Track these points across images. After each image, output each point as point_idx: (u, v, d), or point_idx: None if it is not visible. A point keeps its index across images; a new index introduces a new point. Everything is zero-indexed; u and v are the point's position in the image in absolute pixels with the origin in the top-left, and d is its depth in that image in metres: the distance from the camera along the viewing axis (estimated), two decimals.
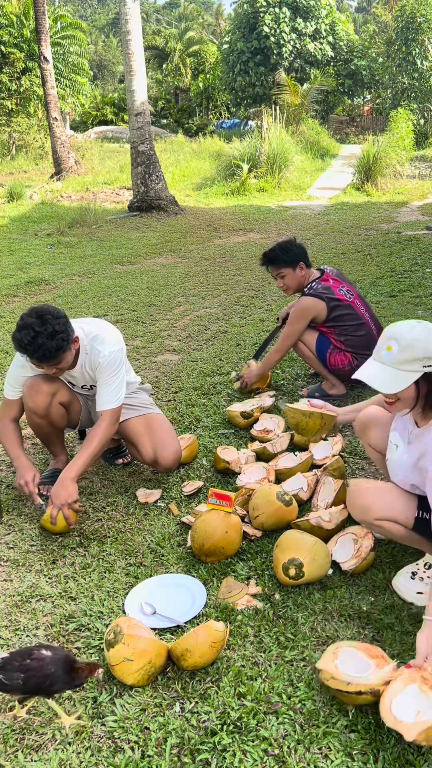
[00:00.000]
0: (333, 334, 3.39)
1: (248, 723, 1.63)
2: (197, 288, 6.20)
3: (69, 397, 2.75)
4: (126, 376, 2.69)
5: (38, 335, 2.33)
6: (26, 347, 2.36)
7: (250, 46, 24.53)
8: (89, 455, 2.51)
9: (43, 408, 2.64)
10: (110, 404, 2.57)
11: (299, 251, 3.43)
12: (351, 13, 37.92)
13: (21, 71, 20.35)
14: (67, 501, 2.41)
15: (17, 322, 2.41)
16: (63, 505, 2.40)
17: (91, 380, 2.68)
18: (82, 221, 9.87)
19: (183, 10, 50.82)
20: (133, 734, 1.62)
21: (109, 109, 33.21)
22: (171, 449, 2.77)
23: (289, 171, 13.94)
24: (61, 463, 2.87)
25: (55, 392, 2.66)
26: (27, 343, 2.35)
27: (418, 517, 1.97)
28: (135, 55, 10.03)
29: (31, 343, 2.34)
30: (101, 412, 2.59)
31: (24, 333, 2.35)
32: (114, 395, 2.58)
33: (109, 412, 2.58)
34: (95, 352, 2.58)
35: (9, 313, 5.39)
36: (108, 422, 2.57)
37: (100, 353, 2.57)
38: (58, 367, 2.48)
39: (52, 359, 2.41)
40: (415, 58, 21.69)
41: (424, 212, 10.38)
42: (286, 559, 2.10)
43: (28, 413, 2.68)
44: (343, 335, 3.38)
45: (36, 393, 2.62)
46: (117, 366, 2.58)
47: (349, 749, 1.56)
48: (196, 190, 13.77)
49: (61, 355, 2.43)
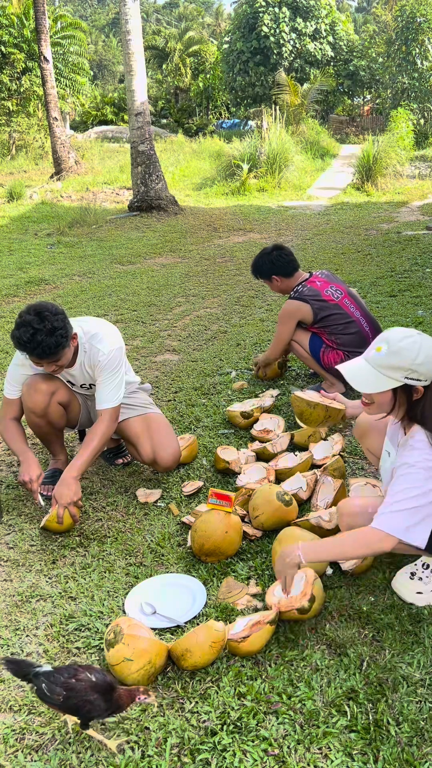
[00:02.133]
0: (324, 334, 3.42)
1: (248, 723, 1.63)
2: (197, 288, 6.20)
3: (68, 397, 2.74)
4: (125, 375, 2.69)
5: (37, 332, 2.34)
6: (25, 345, 2.37)
7: (249, 46, 24.52)
8: (90, 454, 2.52)
9: (41, 407, 2.64)
10: (109, 403, 2.58)
11: (270, 266, 3.52)
12: (351, 13, 37.89)
13: (21, 71, 20.34)
14: (72, 500, 2.42)
15: (16, 320, 2.41)
16: (69, 504, 2.41)
17: (90, 379, 2.68)
18: (82, 221, 9.87)
19: (183, 10, 50.84)
20: (133, 734, 1.63)
21: (109, 109, 33.17)
22: (170, 449, 2.77)
23: (289, 171, 13.93)
24: (60, 463, 2.87)
25: (54, 392, 2.66)
26: (26, 340, 2.35)
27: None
28: (135, 55, 10.03)
29: (30, 341, 2.35)
30: (100, 411, 2.59)
31: (23, 331, 2.35)
32: (113, 394, 2.59)
33: (109, 411, 2.58)
34: (94, 350, 2.58)
35: (9, 313, 5.39)
36: (107, 421, 2.57)
37: (99, 352, 2.57)
38: (57, 364, 2.48)
39: (51, 356, 2.41)
40: (415, 58, 21.68)
41: (424, 212, 10.38)
42: None
43: (26, 413, 2.68)
44: (333, 334, 3.39)
45: (34, 392, 2.62)
46: (116, 365, 2.59)
47: (349, 749, 1.56)
48: (196, 190, 13.76)
49: (60, 352, 2.43)
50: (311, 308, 3.38)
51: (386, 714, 1.64)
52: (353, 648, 1.86)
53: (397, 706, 1.67)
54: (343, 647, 1.87)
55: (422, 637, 1.90)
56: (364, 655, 1.84)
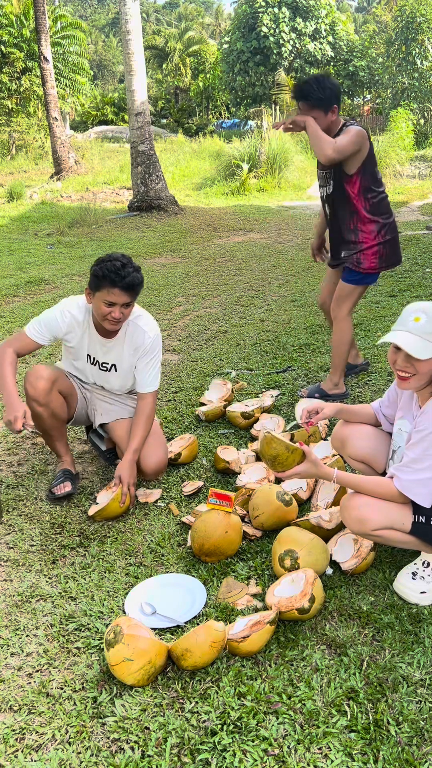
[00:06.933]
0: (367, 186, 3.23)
1: (248, 723, 1.63)
2: (197, 288, 6.20)
3: (68, 388, 2.77)
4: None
5: (126, 265, 2.51)
6: (117, 272, 2.47)
7: (249, 46, 24.52)
8: (141, 435, 2.68)
9: (44, 394, 2.63)
10: (152, 386, 2.74)
11: (335, 90, 3.10)
12: (351, 13, 37.87)
13: (21, 71, 20.35)
14: (134, 481, 2.62)
15: (98, 260, 2.55)
16: (130, 484, 2.56)
17: (119, 359, 2.73)
18: (82, 221, 9.87)
19: (183, 10, 50.84)
20: (133, 734, 1.62)
21: (109, 108, 33.17)
22: (155, 458, 2.76)
23: (289, 171, 13.94)
24: (68, 463, 2.85)
25: (56, 380, 2.69)
26: (118, 268, 2.48)
27: (414, 521, 1.98)
28: (135, 55, 10.03)
29: (122, 268, 2.48)
30: (144, 393, 2.73)
31: (114, 262, 2.50)
32: (155, 378, 2.76)
33: (153, 394, 2.75)
34: (139, 330, 2.69)
35: (9, 313, 5.38)
36: (152, 403, 2.74)
37: (145, 333, 2.69)
38: (126, 310, 2.58)
39: (135, 289, 2.54)
40: (415, 58, 21.68)
41: (424, 212, 10.38)
42: (283, 550, 2.12)
43: (28, 402, 2.65)
44: (370, 191, 3.24)
45: (37, 379, 2.63)
46: (159, 349, 2.75)
47: (349, 749, 1.56)
48: (196, 190, 13.77)
49: (138, 293, 2.58)
50: (368, 140, 3.21)
51: (386, 714, 1.64)
52: (353, 648, 1.86)
53: (397, 706, 1.67)
54: (343, 647, 1.87)
55: (422, 637, 1.90)
56: (364, 655, 1.84)
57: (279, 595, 1.99)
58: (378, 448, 2.27)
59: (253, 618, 1.89)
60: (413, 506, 1.99)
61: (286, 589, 2.00)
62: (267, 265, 7.04)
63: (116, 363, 2.75)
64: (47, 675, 1.83)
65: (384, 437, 2.28)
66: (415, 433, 1.96)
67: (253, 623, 1.87)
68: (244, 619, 1.91)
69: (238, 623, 1.90)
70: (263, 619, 1.86)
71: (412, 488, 1.93)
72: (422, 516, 1.97)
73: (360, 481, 2.03)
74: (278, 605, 1.93)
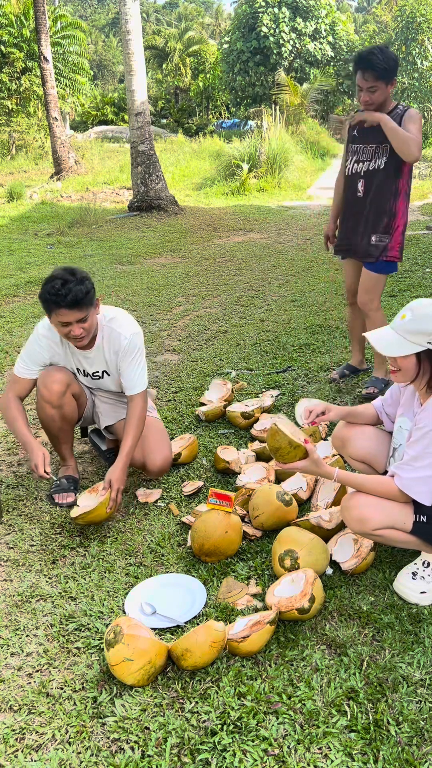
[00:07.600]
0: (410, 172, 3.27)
1: (248, 723, 1.63)
2: (197, 288, 6.20)
3: (79, 390, 2.76)
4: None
5: (68, 282, 2.40)
6: (57, 293, 2.37)
7: (249, 46, 24.52)
8: (133, 440, 2.59)
9: (58, 397, 2.62)
10: (139, 387, 2.66)
11: (397, 63, 3.03)
12: (351, 13, 37.88)
13: (21, 71, 20.34)
14: (123, 487, 2.52)
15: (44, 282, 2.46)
16: (119, 490, 2.49)
17: (106, 365, 2.69)
18: (82, 221, 9.87)
19: (183, 10, 50.83)
20: (133, 734, 1.63)
21: (109, 108, 33.17)
22: (160, 455, 2.75)
23: (289, 171, 13.94)
24: (71, 469, 2.84)
25: (70, 383, 2.68)
26: (57, 288, 2.37)
27: (415, 521, 1.98)
28: (135, 55, 10.03)
29: (62, 287, 2.37)
30: (132, 396, 2.65)
31: (54, 282, 2.40)
32: (141, 377, 2.67)
33: (141, 395, 2.66)
34: (115, 334, 2.62)
35: (9, 313, 5.38)
36: (141, 404, 2.65)
37: (120, 335, 2.62)
38: (84, 325, 2.47)
39: (82, 304, 2.41)
40: (415, 58, 21.70)
41: (424, 212, 10.38)
42: (283, 550, 2.12)
43: (41, 404, 2.64)
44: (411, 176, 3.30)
45: (51, 382, 2.61)
46: (139, 348, 2.66)
47: (349, 749, 1.56)
48: (196, 190, 13.77)
49: (90, 304, 2.46)
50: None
51: (386, 714, 1.65)
52: (353, 648, 1.86)
53: (397, 706, 1.67)
54: (343, 647, 1.87)
55: (422, 637, 1.90)
56: (364, 655, 1.84)
57: (279, 595, 1.99)
58: (378, 448, 2.27)
59: (253, 618, 1.89)
60: (414, 506, 1.99)
61: (286, 589, 2.00)
62: (267, 265, 7.04)
63: (105, 369, 2.72)
64: (47, 675, 1.83)
65: (384, 437, 2.29)
66: (416, 430, 1.97)
67: (253, 623, 1.87)
68: (244, 619, 1.91)
69: (238, 623, 1.90)
70: (263, 619, 1.86)
71: (412, 486, 1.93)
72: (423, 515, 1.97)
73: (361, 480, 2.03)
74: (278, 605, 1.93)
